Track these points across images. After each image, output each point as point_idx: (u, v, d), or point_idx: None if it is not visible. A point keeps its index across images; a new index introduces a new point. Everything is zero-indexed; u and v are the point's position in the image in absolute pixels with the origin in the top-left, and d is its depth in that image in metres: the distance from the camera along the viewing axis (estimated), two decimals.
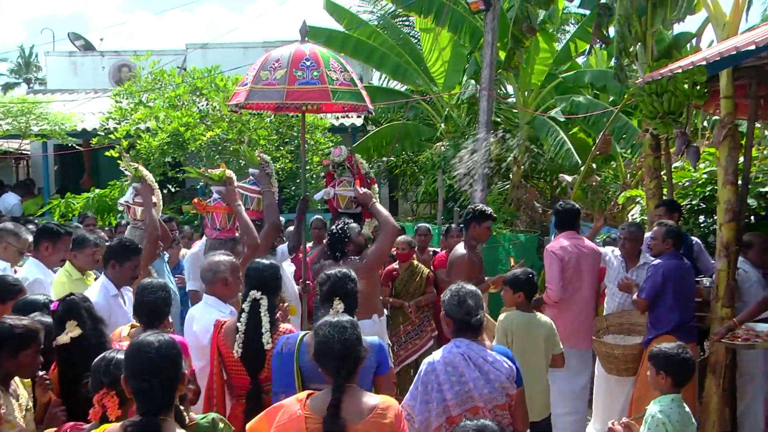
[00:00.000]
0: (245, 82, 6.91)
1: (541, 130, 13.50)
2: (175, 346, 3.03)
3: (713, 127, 7.10)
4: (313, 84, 6.73)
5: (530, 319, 5.69)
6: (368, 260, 6.25)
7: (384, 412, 3.41)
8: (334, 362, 3.47)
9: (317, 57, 6.86)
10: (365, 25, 16.66)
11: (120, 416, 3.28)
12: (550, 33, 14.88)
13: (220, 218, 6.22)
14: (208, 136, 11.54)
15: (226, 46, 19.90)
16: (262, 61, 6.93)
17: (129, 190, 7.14)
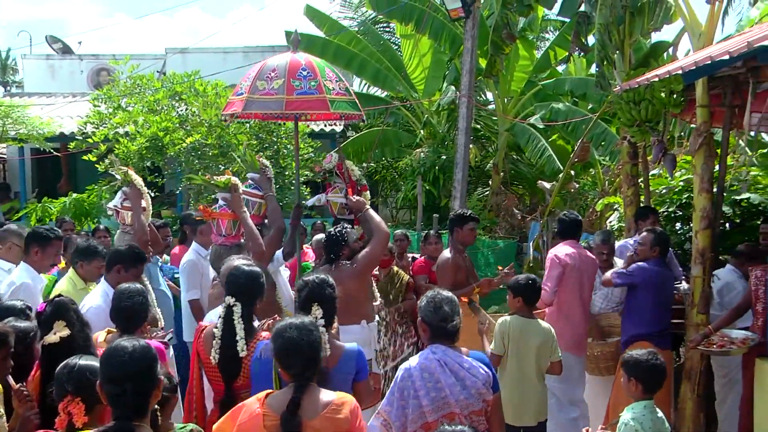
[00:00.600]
0: (240, 92, 6.92)
1: (521, 137, 13.57)
2: (150, 351, 3.01)
3: (690, 135, 7.16)
4: (311, 93, 6.79)
5: (528, 324, 5.72)
6: (359, 265, 6.25)
7: (339, 408, 3.44)
8: (300, 362, 3.49)
9: (313, 67, 6.90)
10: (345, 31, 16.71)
11: (87, 423, 3.27)
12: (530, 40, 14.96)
13: (225, 225, 6.17)
14: (187, 141, 11.53)
15: (206, 51, 19.90)
16: (257, 70, 6.95)
17: (118, 195, 7.13)
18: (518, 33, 12.31)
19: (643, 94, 7.21)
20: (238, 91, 7.04)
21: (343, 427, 3.42)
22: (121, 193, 7.07)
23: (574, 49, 9.58)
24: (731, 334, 6.16)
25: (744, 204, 7.99)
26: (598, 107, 11.38)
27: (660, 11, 7.86)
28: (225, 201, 6.20)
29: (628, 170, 8.33)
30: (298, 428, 3.35)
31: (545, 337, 5.75)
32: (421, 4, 13.84)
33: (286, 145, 12.86)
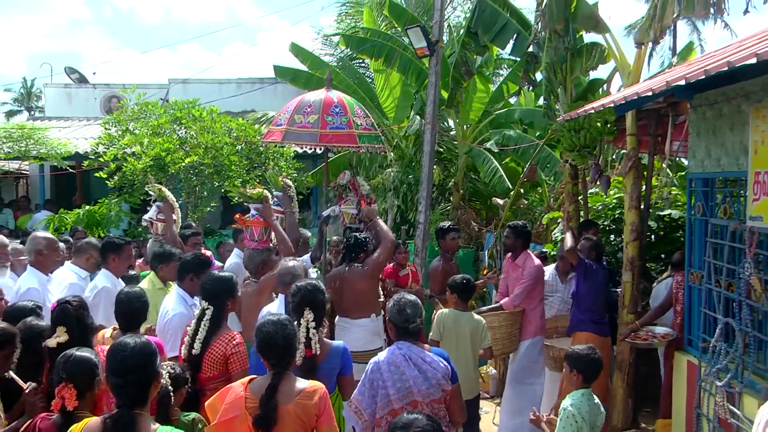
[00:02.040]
0: (279, 123, 7.06)
1: (478, 160, 13.57)
2: (149, 347, 3.00)
3: (621, 159, 7.27)
4: (342, 129, 6.97)
5: (460, 316, 5.91)
6: (369, 267, 6.34)
7: (310, 394, 3.47)
8: (276, 353, 3.53)
9: (344, 104, 7.07)
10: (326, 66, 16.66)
11: (78, 407, 3.26)
12: (486, 76, 14.98)
13: (258, 231, 6.19)
14: (186, 160, 11.48)
15: (204, 82, 19.81)
16: (296, 104, 7.07)
17: (152, 208, 7.17)
18: (475, 69, 12.35)
19: (582, 123, 7.30)
20: (277, 122, 7.18)
21: (313, 411, 3.45)
22: (155, 206, 7.12)
23: (523, 83, 9.63)
24: (654, 330, 6.28)
25: (666, 219, 8.05)
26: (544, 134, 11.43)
27: (596, 53, 7.94)
28: (257, 211, 6.24)
29: (570, 189, 8.40)
30: (273, 411, 3.38)
31: (476, 326, 5.95)
32: (390, 42, 13.90)
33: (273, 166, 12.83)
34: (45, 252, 5.87)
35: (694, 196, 5.83)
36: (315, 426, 3.47)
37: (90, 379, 3.35)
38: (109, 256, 5.96)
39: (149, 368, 2.96)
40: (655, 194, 8.09)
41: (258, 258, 5.96)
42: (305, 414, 3.43)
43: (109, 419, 2.88)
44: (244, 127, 12.77)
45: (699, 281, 5.69)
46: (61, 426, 3.24)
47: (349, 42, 14.89)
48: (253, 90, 19.07)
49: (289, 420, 3.40)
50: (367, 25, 16.16)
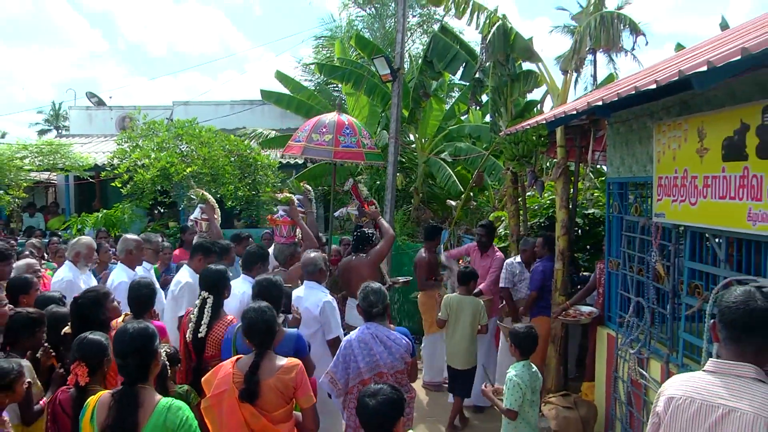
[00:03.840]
0: (298, 139, 7.17)
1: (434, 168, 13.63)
2: (147, 331, 2.96)
3: (553, 167, 7.34)
4: (353, 147, 7.13)
5: (463, 299, 6.28)
6: (372, 257, 6.46)
7: (288, 370, 3.46)
8: (258, 335, 3.53)
9: (354, 126, 7.21)
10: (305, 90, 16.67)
11: (90, 382, 3.28)
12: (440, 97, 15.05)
13: (286, 229, 6.26)
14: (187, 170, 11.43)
15: (202, 104, 19.68)
16: (312, 124, 7.19)
17: (197, 210, 7.20)
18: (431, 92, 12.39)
19: (521, 137, 7.35)
20: (296, 138, 7.27)
21: (291, 384, 3.45)
22: (198, 208, 7.15)
23: (472, 104, 9.69)
24: (581, 309, 6.33)
25: (590, 216, 8.10)
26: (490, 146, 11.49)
27: (531, 79, 8.01)
28: (285, 212, 6.32)
29: (511, 192, 8.43)
30: (256, 385, 3.39)
31: (477, 307, 6.29)
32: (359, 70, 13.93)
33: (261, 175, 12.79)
34: (134, 252, 5.89)
35: (612, 197, 5.93)
36: (293, 397, 3.48)
37: (99, 358, 3.34)
38: (196, 255, 5.82)
39: (147, 350, 2.93)
40: (581, 196, 8.14)
41: (287, 251, 6.05)
42: (284, 387, 3.43)
43: (116, 393, 2.88)
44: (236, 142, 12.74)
45: (616, 268, 5.80)
46: (76, 398, 3.25)
47: (323, 70, 14.90)
48: (244, 110, 18.98)
49: (270, 392, 3.40)
50: (339, 55, 16.17)
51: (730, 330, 2.27)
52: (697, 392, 2.30)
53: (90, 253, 6.14)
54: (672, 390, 2.38)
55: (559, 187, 6.74)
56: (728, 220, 3.88)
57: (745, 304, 2.24)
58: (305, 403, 3.51)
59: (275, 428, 3.40)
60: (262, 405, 3.40)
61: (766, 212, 3.52)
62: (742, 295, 2.26)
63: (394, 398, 2.97)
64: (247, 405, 3.37)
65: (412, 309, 10.04)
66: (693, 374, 2.39)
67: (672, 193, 4.57)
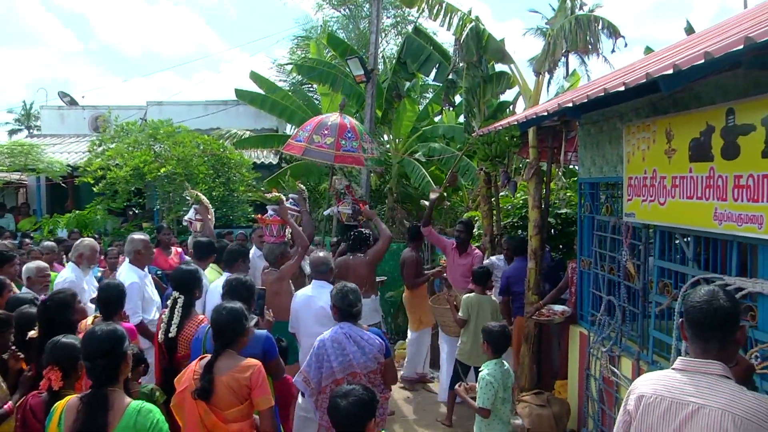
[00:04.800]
0: (299, 139, 7.16)
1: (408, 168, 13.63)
2: (116, 333, 2.92)
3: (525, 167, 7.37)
4: (353, 152, 7.17)
5: (481, 299, 6.32)
6: (369, 257, 6.56)
7: (243, 369, 3.44)
8: (217, 334, 3.54)
9: (356, 130, 7.24)
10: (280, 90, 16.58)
11: (63, 386, 3.23)
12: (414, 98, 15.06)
13: (276, 228, 6.21)
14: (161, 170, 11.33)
15: (176, 104, 19.49)
16: (314, 125, 7.17)
17: (191, 210, 7.18)
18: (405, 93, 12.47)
19: (493, 137, 7.35)
20: (297, 138, 7.25)
21: (244, 383, 3.42)
22: (193, 209, 7.14)
23: (445, 105, 9.77)
24: (554, 308, 6.36)
25: (563, 216, 8.13)
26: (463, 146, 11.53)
27: (503, 80, 8.06)
28: (274, 211, 6.27)
29: (485, 192, 8.43)
30: (210, 383, 3.37)
31: (494, 307, 6.37)
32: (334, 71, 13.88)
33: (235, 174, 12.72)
34: (142, 252, 5.86)
35: (583, 197, 5.99)
36: (248, 397, 3.44)
37: (73, 362, 3.28)
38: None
39: (116, 352, 2.89)
40: (553, 196, 8.17)
41: (277, 250, 6.03)
42: (238, 386, 3.40)
43: (85, 397, 2.84)
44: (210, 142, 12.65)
45: (588, 267, 5.86)
46: (48, 403, 3.19)
47: (300, 70, 14.83)
48: (218, 111, 18.83)
49: (223, 390, 3.38)
50: (315, 56, 16.12)
51: (695, 328, 2.34)
52: (666, 390, 2.34)
53: (93, 255, 6.18)
54: (643, 388, 2.42)
55: (531, 188, 6.76)
56: (696, 220, 3.94)
57: (709, 303, 2.31)
58: (262, 404, 3.47)
59: (226, 427, 3.38)
60: (215, 402, 3.39)
61: (731, 212, 3.58)
62: (706, 295, 2.33)
63: (366, 399, 2.96)
64: (201, 402, 3.37)
65: (387, 308, 10.02)
66: (662, 372, 2.44)
67: (642, 193, 4.63)
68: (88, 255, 6.10)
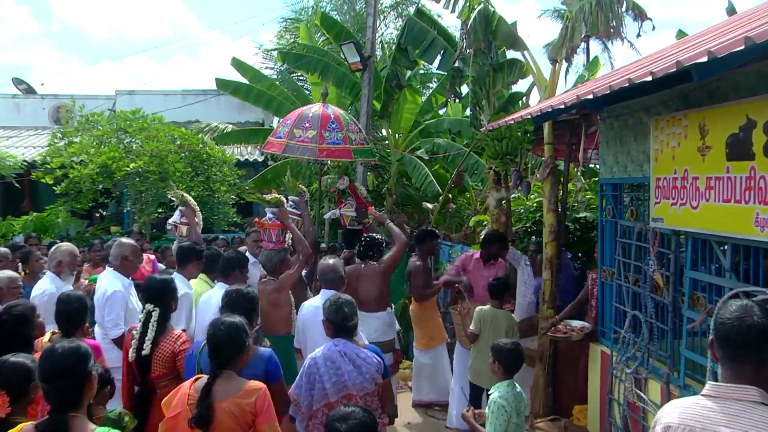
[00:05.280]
0: (279, 135, 7.16)
1: (409, 166, 13.63)
2: (79, 351, 2.86)
3: (540, 166, 7.37)
4: (339, 144, 7.14)
5: (496, 313, 6.21)
6: (385, 265, 6.50)
7: (248, 394, 3.40)
8: (213, 353, 3.50)
9: (340, 120, 7.21)
10: (266, 79, 16.57)
11: (11, 413, 3.14)
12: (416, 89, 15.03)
13: (276, 233, 6.21)
14: (131, 167, 11.29)
15: (150, 93, 19.50)
16: (294, 119, 7.15)
17: (176, 213, 7.16)
18: (405, 83, 12.44)
19: (504, 133, 7.35)
20: (277, 134, 7.25)
21: (249, 410, 3.38)
22: (178, 211, 7.12)
23: (450, 96, 9.71)
24: (572, 324, 6.35)
25: (582, 221, 8.13)
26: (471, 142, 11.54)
27: (516, 69, 8.05)
28: (273, 214, 6.27)
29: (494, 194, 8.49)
30: (208, 409, 3.33)
31: (510, 323, 6.24)
32: (326, 58, 13.86)
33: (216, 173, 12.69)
34: (130, 258, 5.84)
35: (605, 199, 5.97)
36: (253, 425, 3.41)
37: (24, 384, 3.20)
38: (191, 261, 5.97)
39: (79, 371, 2.82)
40: (571, 198, 8.18)
41: (276, 257, 6.02)
42: (241, 412, 3.36)
43: (41, 424, 2.76)
44: (187, 136, 12.62)
45: (610, 278, 5.83)
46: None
47: (286, 57, 14.79)
48: (197, 101, 18.83)
49: (225, 418, 3.34)
50: (304, 41, 16.10)
51: (726, 347, 2.30)
52: (694, 420, 2.31)
53: (73, 261, 6.18)
54: (668, 418, 2.40)
55: (546, 189, 6.77)
56: (734, 226, 3.91)
57: (741, 320, 2.27)
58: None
59: None
60: (215, 431, 3.34)
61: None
62: (737, 310, 2.29)
63: (367, 422, 2.95)
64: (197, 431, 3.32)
65: None
66: (691, 399, 2.41)
67: (671, 196, 4.61)
68: (68, 262, 6.07)
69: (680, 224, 4.54)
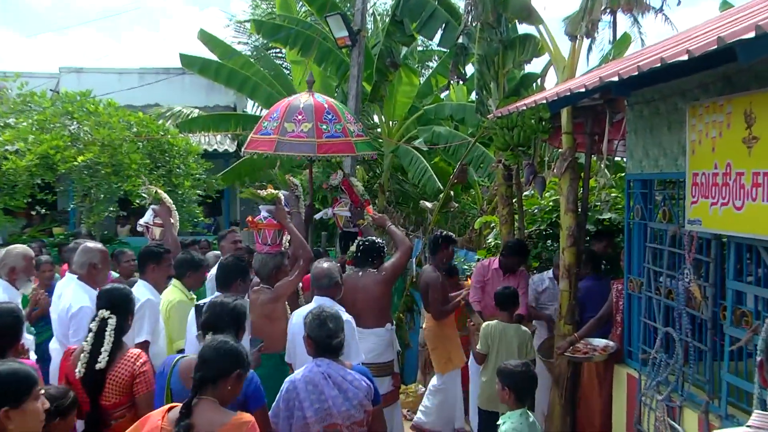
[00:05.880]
0: (266, 131, 7.15)
1: (405, 159, 13.65)
2: (19, 374, 2.86)
3: (557, 159, 7.36)
4: (338, 137, 7.17)
5: (507, 328, 6.25)
6: (386, 273, 6.51)
7: (234, 427, 3.33)
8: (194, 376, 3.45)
9: (336, 110, 7.25)
10: (238, 55, 16.53)
11: None
12: (413, 68, 15.09)
13: (271, 234, 6.20)
14: (79, 159, 11.19)
15: (101, 71, 19.32)
16: (282, 111, 7.16)
17: (148, 212, 7.14)
18: (401, 61, 12.44)
19: (516, 120, 7.33)
20: (262, 131, 7.22)
21: None
22: (151, 210, 7.10)
23: (453, 77, 9.71)
24: (593, 342, 6.34)
25: (606, 223, 8.14)
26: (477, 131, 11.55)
27: (529, 46, 8.00)
28: (269, 213, 6.26)
29: (503, 191, 8.44)
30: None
31: (523, 338, 6.31)
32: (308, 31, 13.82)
33: (179, 165, 12.63)
34: (99, 266, 5.81)
35: (633, 198, 5.96)
36: None
37: None
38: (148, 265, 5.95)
39: (11, 397, 2.81)
40: (594, 196, 8.19)
41: (271, 263, 6.03)
42: None
43: None
44: (145, 122, 12.53)
45: (638, 289, 5.82)
46: None
47: (261, 28, 14.73)
48: (157, 81, 18.71)
49: None
50: (282, 11, 16.05)
51: None
52: None
53: (29, 266, 6.15)
54: None
55: (564, 186, 6.77)
56: None
57: None
58: None
59: None
60: None
61: None
62: None
63: None
64: None
65: None
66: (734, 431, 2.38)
67: (711, 194, 4.59)
68: (22, 267, 6.02)
69: (721, 227, 4.52)
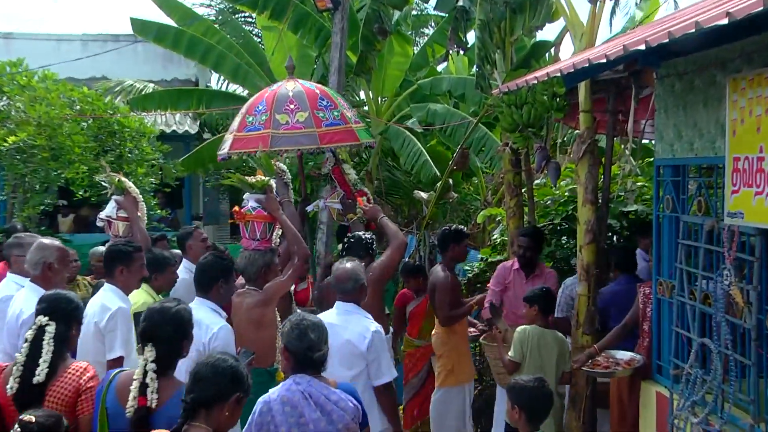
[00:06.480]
0: (254, 127, 7.22)
1: (396, 142, 13.63)
2: None
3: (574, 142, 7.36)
4: (338, 125, 7.31)
5: (544, 333, 6.30)
6: (375, 273, 6.48)
7: None
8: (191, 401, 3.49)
9: (329, 95, 7.41)
10: (201, 20, 16.46)
11: None
12: (406, 36, 15.04)
13: (260, 228, 6.20)
14: (10, 140, 11.14)
15: (36, 38, 19.29)
16: (269, 103, 7.25)
17: (110, 204, 7.13)
18: (392, 27, 12.41)
19: (525, 97, 7.36)
20: (247, 127, 7.27)
21: None
22: (113, 202, 7.09)
23: (452, 45, 9.73)
24: (615, 355, 6.33)
25: (632, 216, 8.20)
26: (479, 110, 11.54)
27: (542, 8, 8.03)
28: (259, 203, 6.25)
29: (511, 179, 8.49)
30: None
31: (563, 346, 6.40)
32: None
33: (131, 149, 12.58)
34: (56, 266, 5.84)
35: (663, 187, 5.95)
36: None
37: None
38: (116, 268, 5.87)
39: None
40: (616, 185, 8.23)
41: (260, 261, 6.03)
42: None
43: None
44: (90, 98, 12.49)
45: (669, 293, 5.82)
46: None
47: None
48: (105, 51, 18.61)
49: None
50: None
51: None
52: None
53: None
54: None
55: (582, 173, 6.78)
56: None
57: None
58: None
59: None
60: None
61: None
62: None
63: None
64: None
65: None
66: None
67: (755, 182, 4.57)
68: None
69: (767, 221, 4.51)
